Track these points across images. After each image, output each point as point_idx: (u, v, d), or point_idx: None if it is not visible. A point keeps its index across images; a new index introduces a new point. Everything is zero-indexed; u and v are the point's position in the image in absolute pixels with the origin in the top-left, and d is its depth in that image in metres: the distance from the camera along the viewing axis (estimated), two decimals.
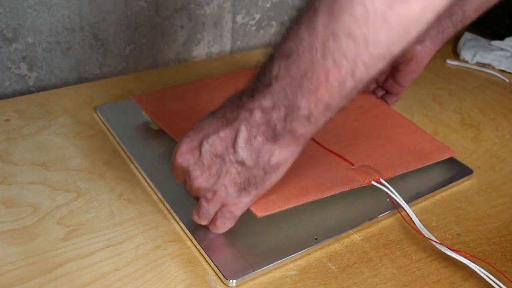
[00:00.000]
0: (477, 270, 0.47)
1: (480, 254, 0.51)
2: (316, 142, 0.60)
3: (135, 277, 0.46)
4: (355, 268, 0.48)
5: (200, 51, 0.91)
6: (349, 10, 0.34)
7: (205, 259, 0.48)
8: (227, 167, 0.43)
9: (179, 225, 0.51)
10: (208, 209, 0.46)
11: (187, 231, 0.50)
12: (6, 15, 0.70)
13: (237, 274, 0.46)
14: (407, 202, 0.55)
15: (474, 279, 0.47)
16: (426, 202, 0.57)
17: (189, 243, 0.50)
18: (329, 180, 0.53)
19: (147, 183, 0.57)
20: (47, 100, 0.71)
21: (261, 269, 0.46)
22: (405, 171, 0.57)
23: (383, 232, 0.53)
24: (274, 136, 0.41)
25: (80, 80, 0.80)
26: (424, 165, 0.58)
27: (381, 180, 0.54)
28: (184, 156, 0.45)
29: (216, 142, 0.43)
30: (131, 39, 0.82)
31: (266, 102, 0.40)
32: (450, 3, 0.34)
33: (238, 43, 0.94)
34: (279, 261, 0.47)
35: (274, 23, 0.97)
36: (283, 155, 0.42)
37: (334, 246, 0.51)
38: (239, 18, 0.92)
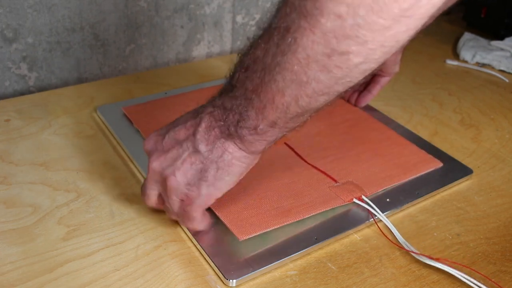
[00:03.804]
0: (459, 276, 0.47)
1: (480, 254, 0.51)
2: (301, 158, 0.60)
3: (135, 277, 0.46)
4: (355, 268, 0.48)
5: (200, 51, 0.91)
6: (292, 51, 0.36)
7: (205, 259, 0.48)
8: (184, 155, 0.45)
9: (179, 225, 0.51)
10: (169, 202, 0.47)
11: (187, 231, 0.50)
12: (7, 15, 0.70)
13: (237, 274, 0.46)
14: (406, 203, 0.56)
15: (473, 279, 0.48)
16: (425, 202, 0.57)
17: (189, 243, 0.50)
18: (311, 199, 0.54)
19: None
20: (47, 100, 0.72)
21: (261, 269, 0.46)
22: (389, 186, 0.57)
23: (383, 232, 0.53)
24: (228, 134, 0.43)
25: (80, 80, 0.80)
26: (410, 177, 0.59)
27: (363, 197, 0.54)
28: (150, 141, 0.47)
29: (181, 130, 0.45)
30: (131, 39, 0.82)
31: (227, 103, 0.42)
32: (393, 52, 0.35)
33: (238, 43, 0.94)
34: (279, 261, 0.47)
35: None
36: (236, 155, 0.44)
37: (334, 246, 0.51)
38: (239, 18, 0.92)
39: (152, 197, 0.49)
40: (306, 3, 0.34)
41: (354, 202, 0.54)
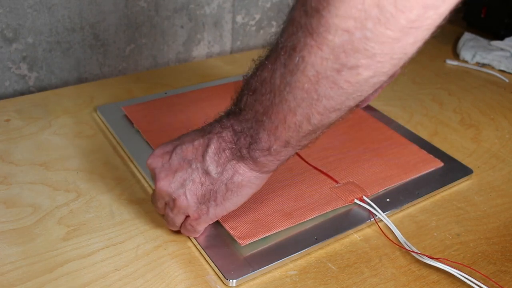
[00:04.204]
0: (459, 276, 0.47)
1: (480, 254, 0.51)
2: (302, 159, 0.60)
3: (135, 277, 0.46)
4: (355, 268, 0.48)
5: (200, 51, 0.91)
6: (301, 70, 0.35)
7: (205, 259, 0.48)
8: (193, 176, 0.44)
9: None
10: (173, 218, 0.47)
11: None
12: (7, 15, 0.70)
13: (237, 274, 0.46)
14: (406, 203, 0.56)
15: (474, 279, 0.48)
16: (425, 202, 0.57)
17: (189, 243, 0.50)
18: (312, 201, 0.54)
19: (147, 183, 0.57)
20: (47, 100, 0.72)
21: (261, 269, 0.46)
22: (390, 186, 0.57)
23: (384, 232, 0.53)
24: (240, 156, 0.43)
25: (80, 80, 0.80)
26: (411, 178, 0.59)
27: (364, 198, 0.55)
28: (155, 158, 0.46)
29: (188, 149, 0.45)
30: (131, 39, 0.82)
31: (237, 125, 0.42)
32: (401, 64, 0.35)
33: (238, 43, 0.94)
34: (279, 261, 0.47)
35: (274, 23, 0.97)
36: (246, 176, 0.44)
37: (334, 246, 0.51)
38: (239, 18, 0.92)
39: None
40: (312, 20, 0.33)
41: (355, 202, 0.54)
